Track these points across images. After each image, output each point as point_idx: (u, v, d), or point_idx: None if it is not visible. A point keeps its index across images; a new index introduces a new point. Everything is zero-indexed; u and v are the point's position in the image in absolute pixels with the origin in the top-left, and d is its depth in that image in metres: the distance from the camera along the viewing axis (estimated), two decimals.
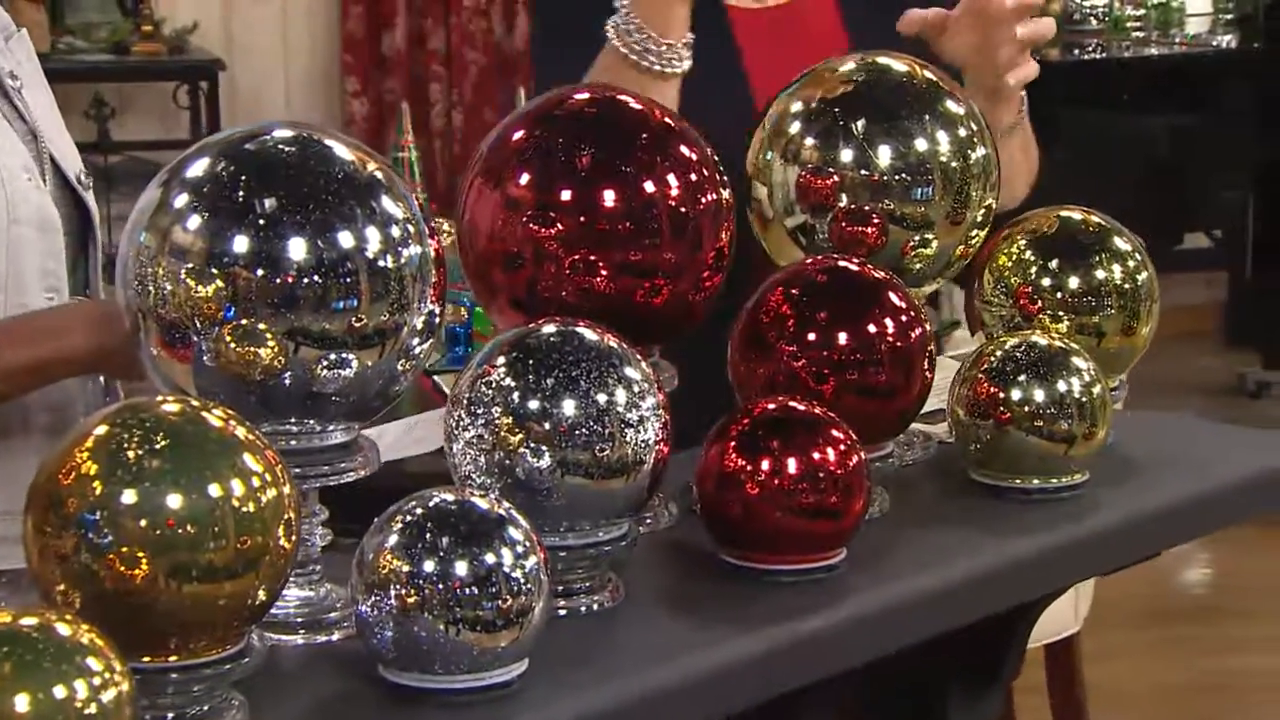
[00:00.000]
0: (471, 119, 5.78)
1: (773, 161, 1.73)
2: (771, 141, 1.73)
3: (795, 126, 1.72)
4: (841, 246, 1.70)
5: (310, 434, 1.41)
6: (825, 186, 1.70)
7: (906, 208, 1.69)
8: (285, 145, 1.40)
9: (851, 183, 1.69)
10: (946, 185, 1.69)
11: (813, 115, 1.72)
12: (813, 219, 1.71)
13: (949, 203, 1.69)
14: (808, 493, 1.47)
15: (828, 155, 1.70)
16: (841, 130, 1.70)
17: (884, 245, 1.69)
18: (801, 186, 1.71)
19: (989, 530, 1.57)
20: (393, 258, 1.38)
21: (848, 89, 1.73)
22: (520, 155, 1.57)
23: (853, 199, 1.69)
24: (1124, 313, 1.74)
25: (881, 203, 1.68)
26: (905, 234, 1.69)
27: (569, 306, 1.53)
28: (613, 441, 1.42)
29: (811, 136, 1.71)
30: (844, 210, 1.69)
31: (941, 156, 1.69)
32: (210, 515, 1.23)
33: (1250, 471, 1.69)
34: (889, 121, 1.70)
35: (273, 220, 1.35)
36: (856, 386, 1.58)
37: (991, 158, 1.73)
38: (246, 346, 1.36)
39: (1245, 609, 4.24)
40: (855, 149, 1.69)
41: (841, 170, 1.69)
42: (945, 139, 1.70)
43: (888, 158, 1.68)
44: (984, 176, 1.71)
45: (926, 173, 1.68)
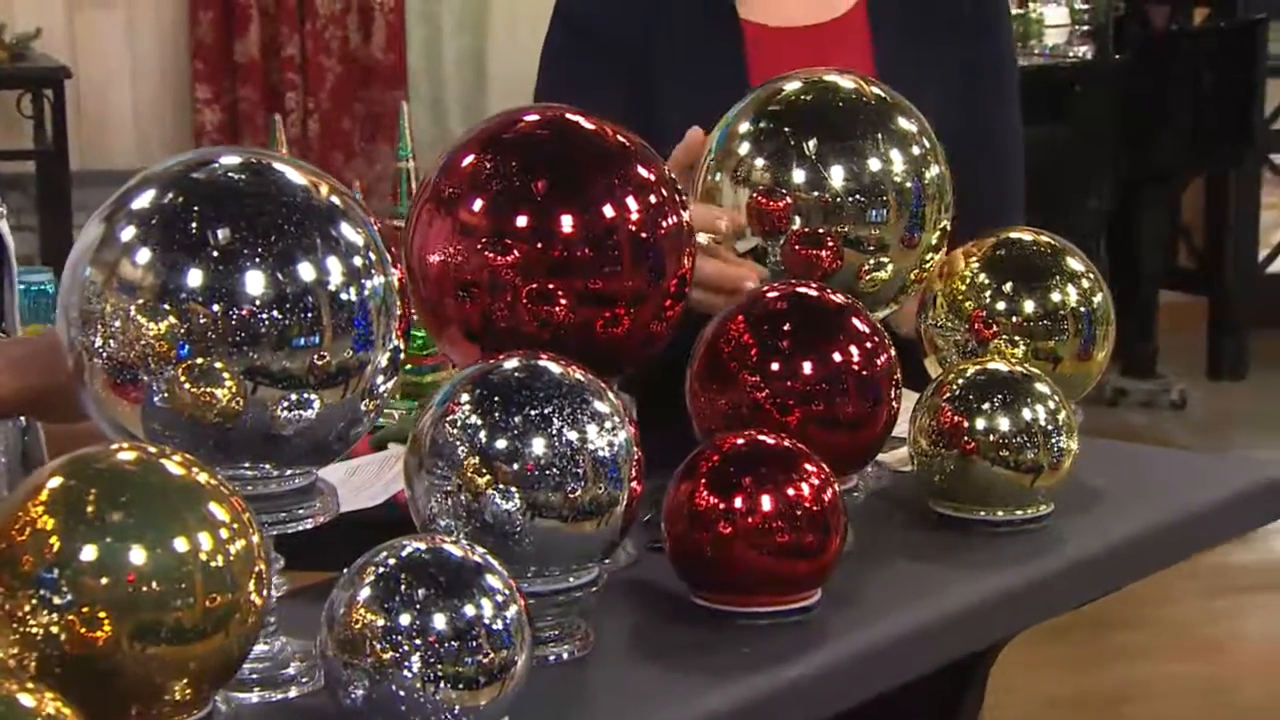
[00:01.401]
0: (328, 128, 5.67)
1: (722, 183, 1.67)
2: (721, 163, 1.68)
3: (745, 147, 1.67)
4: (795, 270, 1.64)
5: (267, 478, 1.33)
6: (778, 209, 1.64)
7: (861, 230, 1.64)
8: (235, 173, 1.32)
9: (804, 205, 1.63)
10: (901, 206, 1.64)
11: (763, 136, 1.66)
12: (765, 242, 1.66)
13: (904, 224, 1.65)
14: (783, 531, 1.41)
15: (779, 176, 1.64)
16: (793, 151, 1.65)
17: (839, 269, 1.64)
18: (753, 209, 1.65)
19: (961, 566, 1.53)
20: (356, 290, 1.30)
21: (797, 108, 1.68)
22: (473, 180, 1.49)
23: (806, 221, 1.63)
24: (1080, 337, 1.70)
25: (836, 225, 1.63)
26: (860, 257, 1.65)
27: (526, 337, 1.46)
28: (585, 481, 1.35)
29: (762, 157, 1.66)
30: (797, 234, 1.64)
31: (895, 176, 1.64)
32: (177, 571, 1.16)
33: (1213, 499, 1.66)
34: (841, 141, 1.65)
35: (228, 252, 1.27)
36: (822, 418, 1.53)
37: (946, 176, 1.68)
38: (202, 387, 1.27)
39: (1130, 618, 4.26)
40: (808, 170, 1.64)
41: (794, 191, 1.64)
42: (899, 158, 1.65)
43: (841, 178, 1.63)
44: (939, 197, 1.67)
45: (881, 194, 1.64)
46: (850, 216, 1.63)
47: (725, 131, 1.69)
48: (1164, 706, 3.90)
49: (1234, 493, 1.68)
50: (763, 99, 1.69)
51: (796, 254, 1.64)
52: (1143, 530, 1.61)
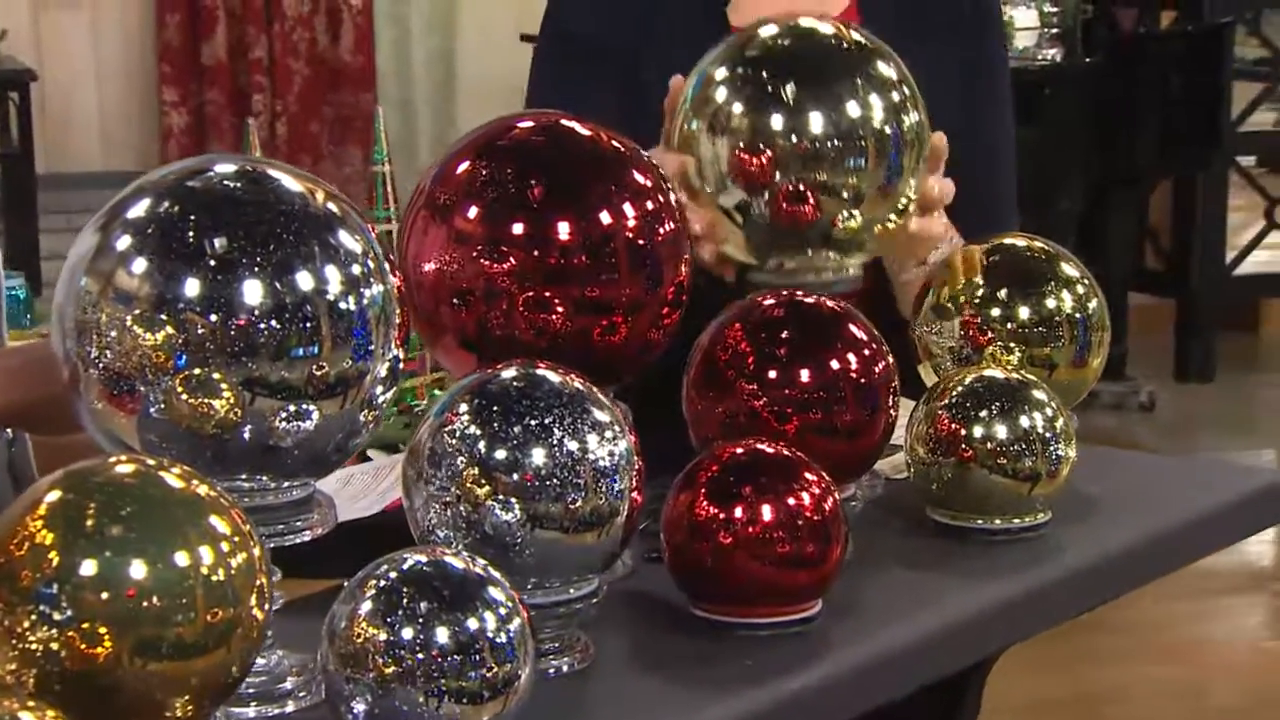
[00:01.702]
0: (296, 130, 5.64)
1: (699, 132, 1.63)
2: (697, 110, 1.63)
3: (721, 94, 1.62)
4: (779, 223, 1.61)
5: (265, 490, 1.31)
6: (760, 164, 1.60)
7: (838, 177, 1.59)
8: (231, 180, 1.30)
9: (783, 153, 1.59)
10: (880, 154, 1.60)
11: (739, 81, 1.62)
12: (749, 196, 1.62)
13: (882, 172, 1.61)
14: (784, 541, 1.40)
15: (757, 123, 1.60)
16: (771, 96, 1.60)
17: (819, 219, 1.61)
18: (735, 164, 1.61)
19: (961, 575, 1.52)
20: (355, 298, 1.29)
21: (775, 53, 1.64)
22: (467, 187, 1.47)
23: (787, 175, 1.59)
24: (1075, 344, 1.69)
25: (814, 173, 1.59)
26: (837, 205, 1.60)
27: (523, 345, 1.45)
28: (585, 492, 1.34)
29: (739, 103, 1.61)
30: (782, 190, 1.59)
31: (874, 123, 1.60)
32: (178, 586, 1.13)
33: (1210, 506, 1.65)
34: (820, 86, 1.60)
35: (225, 261, 1.25)
36: (820, 426, 1.51)
37: (925, 124, 1.64)
38: (199, 398, 1.25)
39: (1104, 621, 4.26)
40: (786, 115, 1.59)
41: (772, 140, 1.59)
42: (878, 104, 1.61)
43: (819, 124, 1.59)
44: (917, 145, 1.63)
45: (859, 140, 1.59)
46: (828, 163, 1.59)
47: (701, 78, 1.65)
48: (1139, 709, 3.90)
49: (1231, 499, 1.67)
50: (739, 44, 1.66)
51: (781, 210, 1.61)
52: (1141, 539, 1.60)
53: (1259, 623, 4.40)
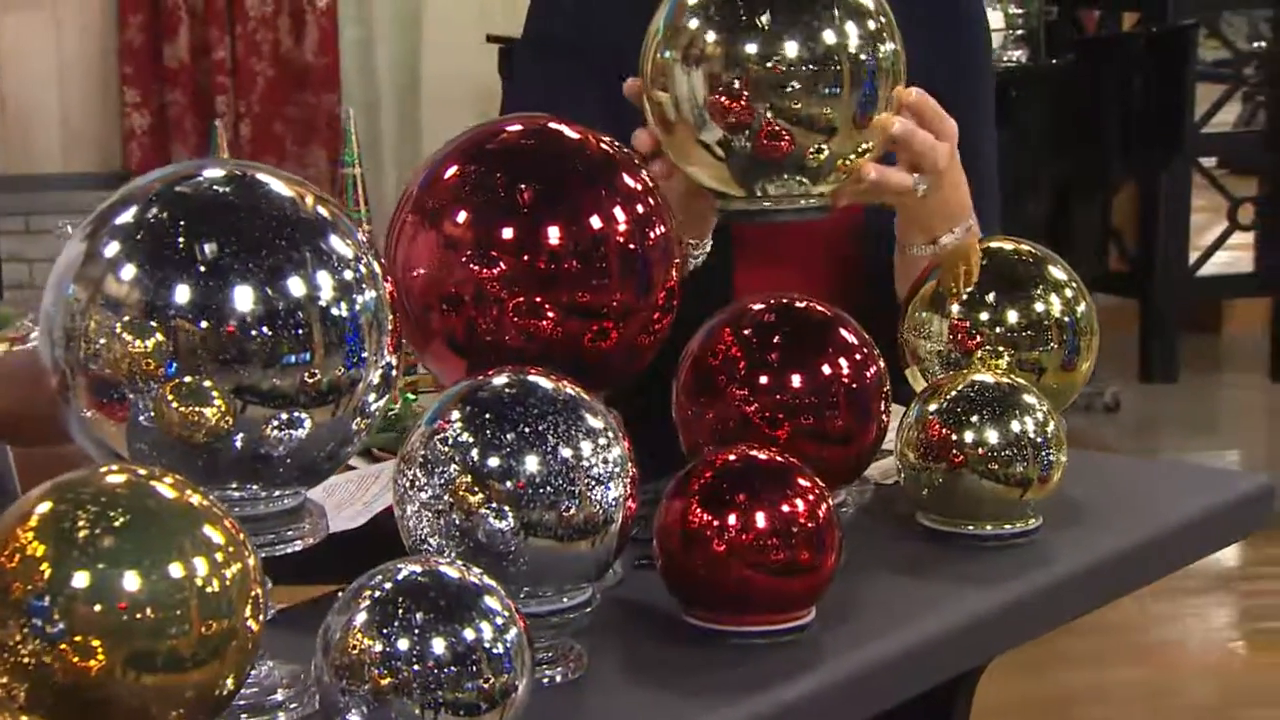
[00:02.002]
0: (260, 131, 5.61)
1: (673, 64, 1.59)
2: (670, 40, 1.59)
3: (694, 22, 1.58)
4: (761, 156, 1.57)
5: (255, 499, 1.29)
6: (737, 98, 1.55)
7: (813, 106, 1.56)
8: (221, 185, 1.28)
9: (759, 80, 1.55)
10: (855, 81, 1.57)
11: (712, 7, 1.58)
12: (726, 130, 1.57)
13: (857, 100, 1.57)
14: (779, 548, 1.39)
15: (731, 50, 1.56)
16: (745, 23, 1.56)
17: (795, 150, 1.57)
18: (712, 99, 1.56)
19: (954, 581, 1.51)
20: (347, 305, 1.27)
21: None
22: (456, 192, 1.46)
23: (764, 105, 1.55)
24: (1065, 347, 1.68)
25: (790, 101, 1.55)
26: (811, 136, 1.56)
27: (512, 351, 1.43)
28: (579, 500, 1.32)
29: (713, 31, 1.57)
30: (760, 122, 1.55)
31: (850, 49, 1.56)
32: (171, 597, 1.12)
33: (1201, 507, 1.65)
34: (796, 12, 1.56)
35: (216, 267, 1.23)
36: (812, 431, 1.50)
37: (900, 55, 1.61)
38: (190, 406, 1.24)
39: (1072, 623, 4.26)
40: (760, 42, 1.55)
41: (747, 69, 1.55)
42: (854, 31, 1.57)
43: (795, 50, 1.55)
44: (893, 74, 1.60)
45: (835, 66, 1.56)
46: (804, 89, 1.55)
47: (673, 7, 1.61)
48: (1108, 710, 3.91)
49: (1218, 504, 1.66)
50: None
51: (762, 145, 1.56)
52: (1131, 544, 1.59)
53: (1228, 624, 4.41)
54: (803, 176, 1.58)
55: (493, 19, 5.72)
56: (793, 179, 1.58)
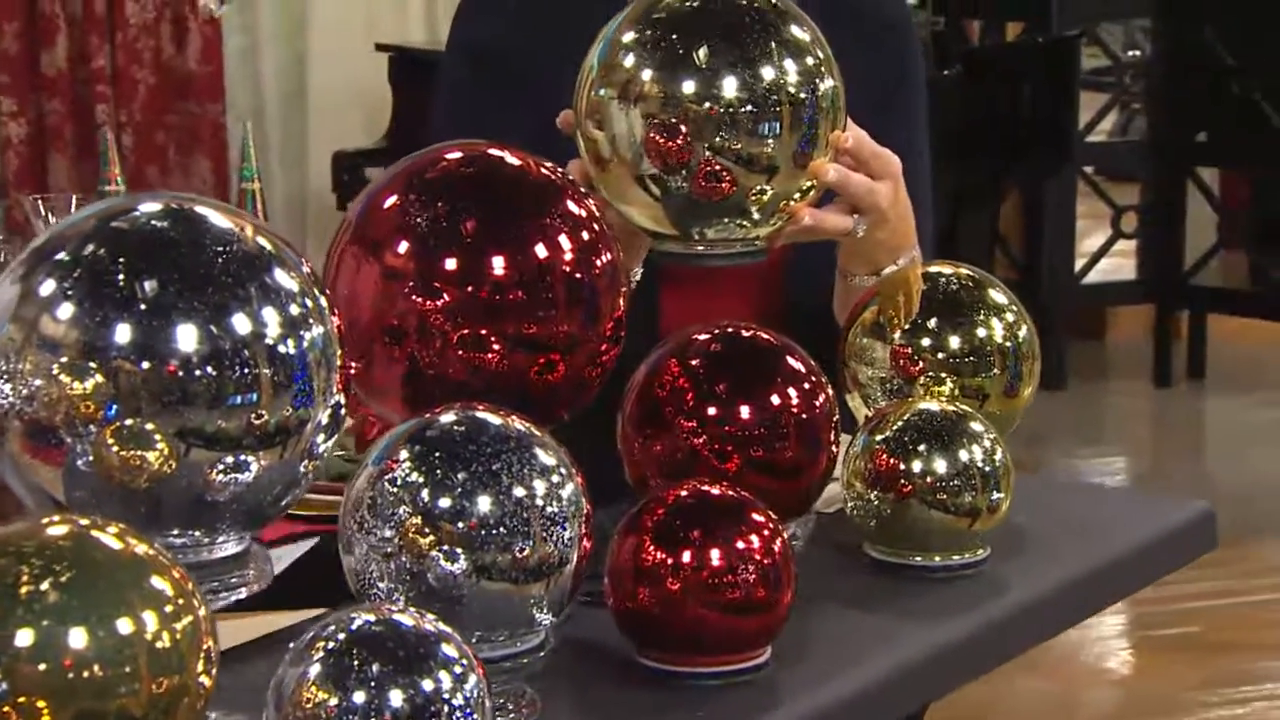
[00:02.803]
0: (142, 141, 5.50)
1: (608, 101, 1.54)
2: (605, 78, 1.55)
3: (630, 59, 1.53)
4: (700, 197, 1.53)
5: (198, 546, 1.24)
6: (675, 137, 1.51)
7: (754, 146, 1.52)
8: (159, 220, 1.23)
9: (697, 120, 1.51)
10: (795, 120, 1.53)
11: (649, 45, 1.53)
12: (664, 170, 1.53)
13: (797, 139, 1.53)
14: (734, 586, 1.35)
15: (668, 89, 1.51)
16: (682, 60, 1.51)
17: (735, 193, 1.53)
18: (650, 138, 1.52)
19: (906, 615, 1.48)
20: (294, 341, 1.22)
21: (684, 15, 1.55)
22: (397, 221, 1.41)
23: (703, 145, 1.51)
24: (1007, 373, 1.66)
25: (729, 142, 1.51)
26: (752, 177, 1.53)
27: (455, 385, 1.39)
28: (534, 540, 1.28)
29: (650, 69, 1.52)
30: (699, 163, 1.51)
31: (790, 88, 1.53)
32: (120, 654, 1.06)
33: (1147, 535, 1.63)
34: (733, 49, 1.52)
35: (157, 305, 1.18)
36: (762, 464, 1.47)
37: (840, 91, 1.58)
38: (131, 450, 1.18)
39: None
40: (699, 81, 1.51)
41: (685, 108, 1.51)
42: (793, 68, 1.53)
43: (734, 89, 1.51)
44: (833, 112, 1.56)
45: (775, 105, 1.52)
46: (743, 129, 1.51)
47: (607, 43, 1.56)
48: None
49: (1163, 530, 1.65)
50: (645, 7, 1.56)
51: (700, 187, 1.52)
52: (1080, 574, 1.57)
53: (1125, 633, 4.43)
54: (741, 219, 1.55)
55: (382, 27, 5.66)
56: (732, 222, 1.55)
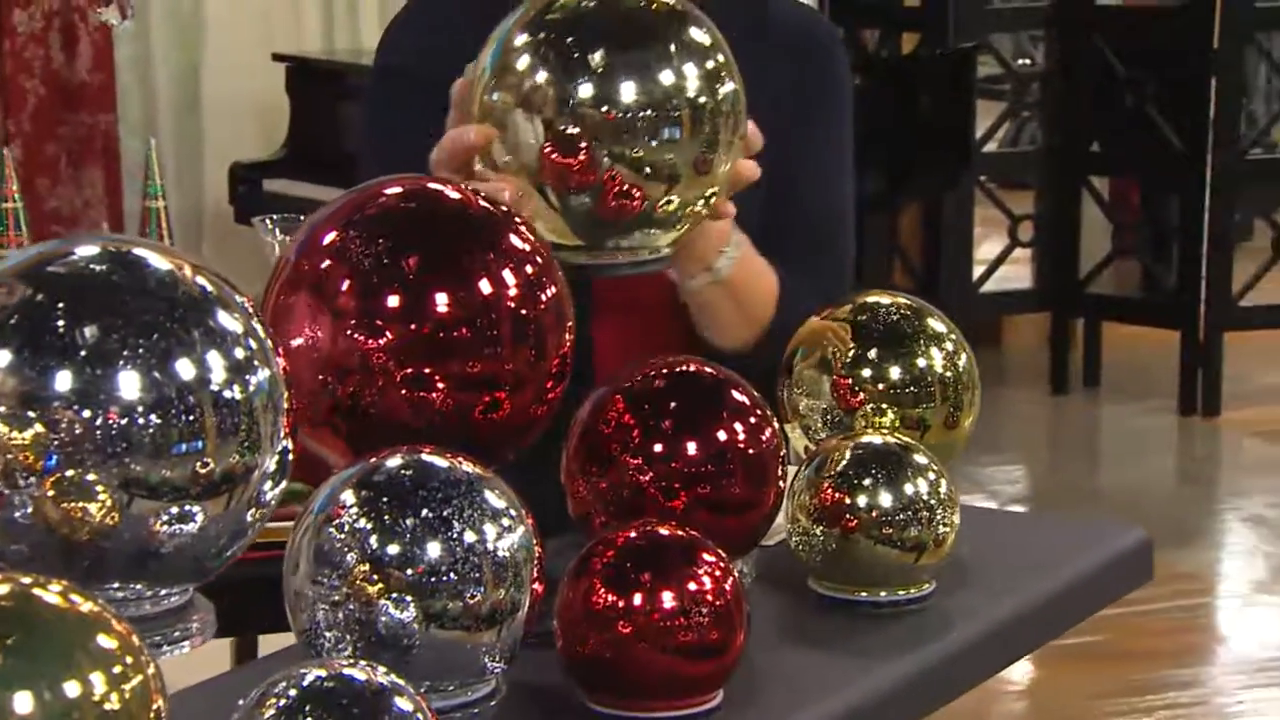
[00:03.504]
0: (31, 153, 5.40)
1: (499, 103, 1.50)
2: (499, 80, 1.51)
3: (524, 62, 1.50)
4: (607, 217, 1.50)
5: (140, 599, 1.20)
6: (579, 162, 1.47)
7: (654, 152, 1.48)
8: (97, 263, 1.19)
9: (593, 126, 1.47)
10: (695, 124, 1.50)
11: (543, 48, 1.49)
12: (558, 179, 1.49)
13: (698, 145, 1.50)
14: (686, 629, 1.33)
15: (563, 93, 1.48)
16: (577, 64, 1.48)
17: (644, 207, 1.50)
18: (550, 166, 1.48)
19: (856, 653, 1.46)
20: (240, 387, 1.18)
21: (580, 16, 1.52)
22: (337, 259, 1.38)
23: (601, 153, 1.47)
24: (948, 403, 1.65)
25: (627, 147, 1.48)
26: (655, 186, 1.49)
27: (398, 425, 1.36)
28: (485, 587, 1.25)
29: (544, 72, 1.48)
30: (599, 174, 1.48)
31: (689, 92, 1.49)
32: (69, 718, 1.02)
33: (1089, 565, 1.62)
34: (630, 52, 1.49)
35: (98, 352, 1.14)
36: (709, 501, 1.45)
37: (740, 95, 1.54)
38: (73, 501, 1.14)
39: None
40: (595, 84, 1.47)
41: (581, 112, 1.47)
42: (693, 72, 1.50)
43: (632, 93, 1.48)
44: (734, 115, 1.53)
45: (674, 110, 1.49)
46: (642, 135, 1.48)
47: (500, 46, 1.52)
48: None
49: (1104, 559, 1.64)
50: (540, 8, 1.53)
51: (603, 197, 1.49)
52: (1025, 606, 1.56)
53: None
54: (647, 228, 1.52)
55: (279, 37, 5.59)
56: (638, 232, 1.52)
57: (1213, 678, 4.22)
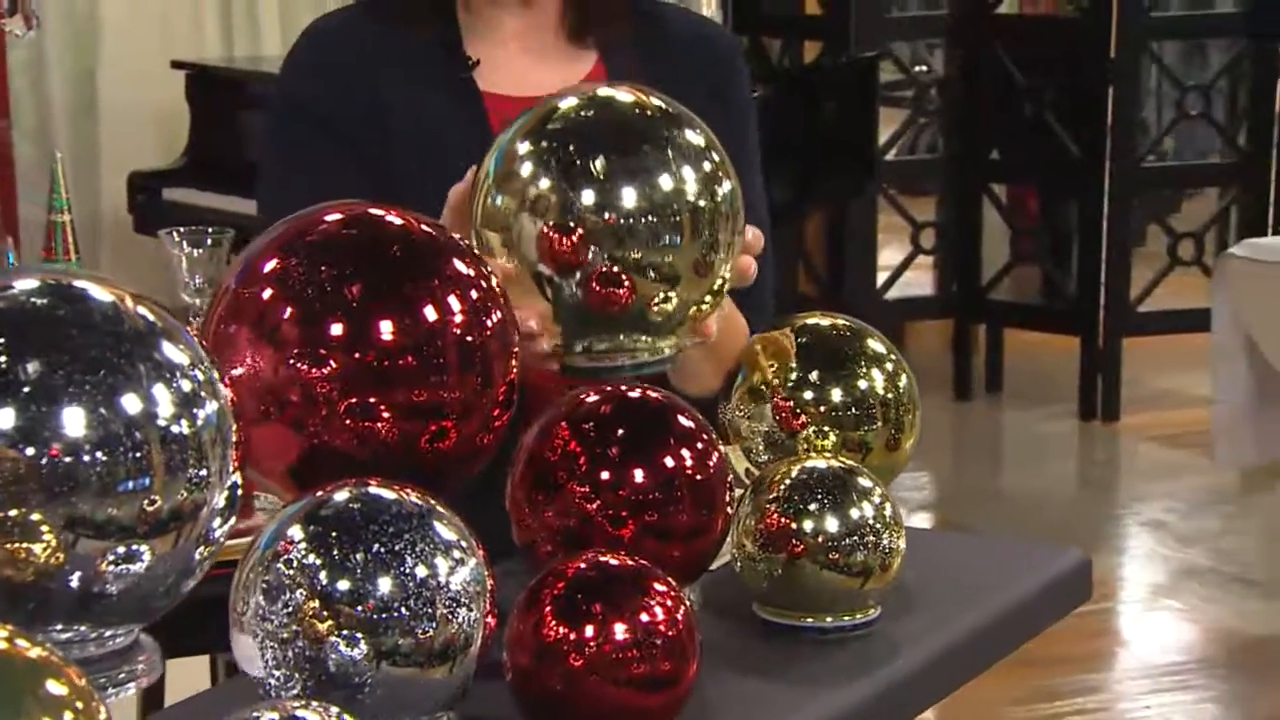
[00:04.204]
0: None
1: (503, 207, 1.52)
2: (501, 185, 1.52)
3: (527, 168, 1.51)
4: (594, 308, 1.51)
5: (85, 641, 1.17)
6: (571, 245, 1.49)
7: (654, 255, 1.50)
8: (37, 297, 1.15)
9: (595, 230, 1.49)
10: (695, 228, 1.51)
11: (545, 155, 1.51)
12: (561, 278, 1.51)
13: (698, 248, 1.51)
14: (638, 661, 1.31)
15: (566, 199, 1.49)
16: (579, 170, 1.49)
17: (634, 303, 1.51)
18: (545, 245, 1.49)
19: (804, 681, 1.45)
20: (188, 421, 1.15)
21: (580, 124, 1.53)
22: (279, 287, 1.35)
23: (601, 255, 1.49)
24: (889, 425, 1.64)
25: (628, 252, 1.49)
26: (652, 287, 1.50)
27: (342, 455, 1.33)
28: (437, 622, 1.23)
29: (547, 178, 1.50)
30: (596, 273, 1.49)
31: (689, 195, 1.51)
32: None
33: (1031, 587, 1.62)
34: (630, 157, 1.51)
35: (40, 388, 1.11)
36: (657, 529, 1.43)
37: (737, 192, 1.56)
38: (17, 543, 1.11)
39: None
40: (597, 190, 1.49)
41: (584, 217, 1.49)
42: (690, 175, 1.52)
43: (633, 199, 1.49)
44: (732, 216, 1.54)
45: (674, 215, 1.50)
46: (643, 240, 1.49)
47: (502, 152, 1.54)
48: None
49: (1043, 581, 1.64)
50: (540, 116, 1.54)
51: (594, 293, 1.50)
52: (970, 629, 1.55)
53: None
54: (646, 330, 1.53)
55: (176, 44, 5.52)
56: (636, 332, 1.53)
57: (1118, 682, 4.26)
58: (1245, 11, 6.13)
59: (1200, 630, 4.42)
